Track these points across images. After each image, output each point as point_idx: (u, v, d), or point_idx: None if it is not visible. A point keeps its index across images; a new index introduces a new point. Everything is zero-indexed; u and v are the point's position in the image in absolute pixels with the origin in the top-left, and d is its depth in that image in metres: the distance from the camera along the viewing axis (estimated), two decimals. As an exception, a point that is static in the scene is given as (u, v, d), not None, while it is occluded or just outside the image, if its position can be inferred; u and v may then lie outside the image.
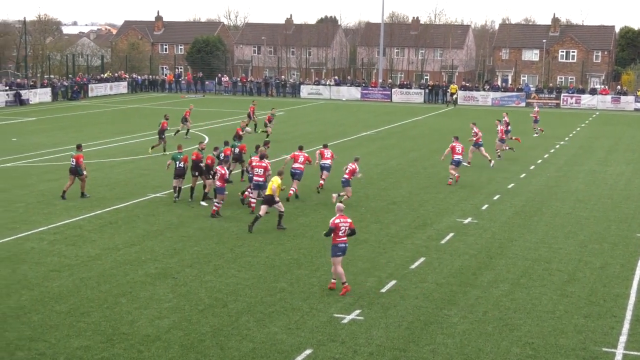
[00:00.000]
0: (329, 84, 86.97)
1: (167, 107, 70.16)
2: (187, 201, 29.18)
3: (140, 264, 21.42)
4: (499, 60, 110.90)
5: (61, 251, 22.60)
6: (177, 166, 29.40)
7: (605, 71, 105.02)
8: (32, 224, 25.74)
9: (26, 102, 71.35)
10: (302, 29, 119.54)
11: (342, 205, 19.77)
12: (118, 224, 26.05)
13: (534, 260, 22.34)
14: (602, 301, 18.98)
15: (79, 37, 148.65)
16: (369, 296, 19.01)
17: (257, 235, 24.60)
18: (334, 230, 19.08)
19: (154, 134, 49.23)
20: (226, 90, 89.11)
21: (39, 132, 50.80)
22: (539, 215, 27.93)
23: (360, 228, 25.73)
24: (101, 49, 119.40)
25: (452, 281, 20.29)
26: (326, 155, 32.24)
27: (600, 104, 75.93)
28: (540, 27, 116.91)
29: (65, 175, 34.45)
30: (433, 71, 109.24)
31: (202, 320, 17.25)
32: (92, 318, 17.26)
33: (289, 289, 19.49)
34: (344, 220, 19.25)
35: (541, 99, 77.80)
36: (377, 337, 16.43)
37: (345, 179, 29.00)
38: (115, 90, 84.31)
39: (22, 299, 18.49)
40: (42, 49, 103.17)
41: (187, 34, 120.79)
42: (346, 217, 19.48)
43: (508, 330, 16.97)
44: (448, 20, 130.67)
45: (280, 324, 17.05)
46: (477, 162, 39.48)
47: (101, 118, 60.70)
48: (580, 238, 25.00)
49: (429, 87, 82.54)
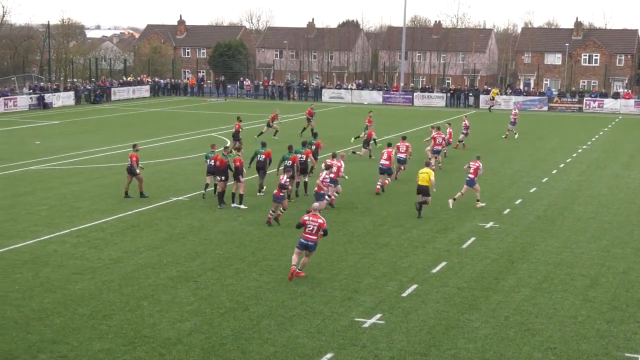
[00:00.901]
0: (350, 87, 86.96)
1: (189, 111, 70.47)
2: (217, 207, 29.11)
3: (162, 267, 21.50)
4: (522, 64, 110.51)
5: (84, 254, 22.72)
6: (208, 164, 30.26)
7: (628, 75, 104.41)
8: (55, 227, 25.90)
9: (49, 105, 71.79)
10: (324, 33, 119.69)
11: (317, 204, 21.38)
12: (140, 227, 26.15)
13: (556, 265, 22.22)
14: (624, 306, 18.85)
15: (102, 41, 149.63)
16: (390, 300, 18.98)
17: (278, 239, 24.63)
18: (302, 225, 20.68)
19: (177, 137, 49.52)
20: (248, 94, 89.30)
21: (62, 135, 51.12)
22: (561, 220, 27.79)
23: (381, 232, 25.78)
24: (124, 53, 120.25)
25: (473, 285, 20.23)
26: (402, 150, 35.26)
27: (623, 108, 75.46)
28: (562, 30, 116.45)
29: (87, 177, 34.75)
30: (455, 75, 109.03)
31: (223, 323, 17.28)
32: (114, 321, 17.34)
33: (310, 292, 19.49)
34: (315, 219, 20.45)
35: (563, 102, 77.41)
36: (398, 341, 16.40)
37: (470, 178, 29.47)
38: (137, 94, 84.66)
39: (44, 302, 18.60)
40: (65, 53, 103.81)
41: (209, 37, 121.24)
42: (318, 216, 20.48)
43: (530, 335, 16.89)
44: (470, 24, 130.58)
45: (301, 328, 17.05)
46: (498, 168, 39.34)
47: (124, 122, 61.01)
48: (603, 243, 24.85)
49: (451, 91, 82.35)
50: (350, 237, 25.01)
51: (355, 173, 36.66)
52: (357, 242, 24.41)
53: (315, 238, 20.48)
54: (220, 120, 61.47)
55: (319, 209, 21.00)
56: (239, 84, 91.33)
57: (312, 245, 20.58)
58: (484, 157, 42.58)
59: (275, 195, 26.19)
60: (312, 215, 20.52)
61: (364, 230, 26.06)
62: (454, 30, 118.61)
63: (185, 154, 41.78)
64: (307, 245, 20.49)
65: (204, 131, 53.45)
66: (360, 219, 27.61)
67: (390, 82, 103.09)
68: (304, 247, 20.52)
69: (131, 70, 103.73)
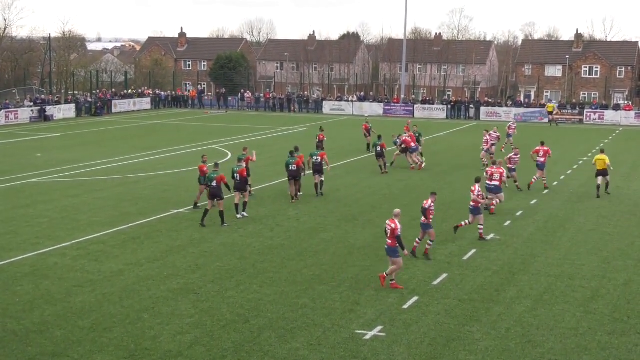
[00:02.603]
0: (351, 99, 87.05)
1: (190, 123, 70.57)
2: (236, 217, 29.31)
3: (162, 280, 21.49)
4: (522, 76, 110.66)
5: (84, 267, 22.72)
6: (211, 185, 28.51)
7: (628, 87, 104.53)
8: (55, 240, 25.90)
9: (50, 118, 71.91)
10: (325, 45, 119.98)
11: (398, 210, 21.55)
12: (141, 239, 26.15)
13: (557, 277, 22.20)
14: (626, 318, 18.83)
15: (103, 53, 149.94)
16: (391, 312, 18.96)
17: (278, 251, 24.63)
18: None
19: (177, 149, 49.56)
20: (249, 106, 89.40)
21: (63, 148, 51.17)
22: (562, 232, 27.78)
23: (382, 244, 25.60)
24: (125, 65, 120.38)
25: (474, 297, 20.21)
26: (540, 155, 36.38)
27: (624, 119, 75.48)
28: (563, 42, 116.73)
29: (88, 189, 34.77)
30: (455, 87, 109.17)
31: (224, 336, 17.26)
32: (114, 334, 17.32)
33: (311, 305, 19.47)
34: (390, 223, 20.83)
35: (564, 114, 77.42)
36: (399, 353, 16.37)
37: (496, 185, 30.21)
38: (138, 106, 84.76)
39: (45, 314, 18.59)
40: (66, 66, 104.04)
41: (210, 50, 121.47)
42: (393, 220, 20.78)
43: (531, 347, 16.87)
44: (471, 36, 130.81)
45: (302, 340, 17.03)
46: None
47: (125, 134, 61.06)
48: (603, 254, 24.83)
49: (452, 103, 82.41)
50: (350, 249, 25.00)
51: (354, 186, 36.74)
52: (357, 254, 24.40)
53: (390, 242, 20.70)
54: (221, 132, 61.54)
55: (399, 214, 21.11)
56: (239, 96, 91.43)
57: (387, 249, 20.83)
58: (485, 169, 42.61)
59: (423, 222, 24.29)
60: (390, 220, 20.86)
61: (365, 242, 26.05)
62: (454, 42, 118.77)
63: (185, 166, 41.79)
64: (385, 249, 20.93)
65: (205, 143, 53.49)
66: (360, 231, 27.61)
67: (390, 94, 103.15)
68: (387, 253, 20.95)
69: (132, 82, 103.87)
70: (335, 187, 36.29)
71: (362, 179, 38.64)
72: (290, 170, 32.44)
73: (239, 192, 29.55)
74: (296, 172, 32.44)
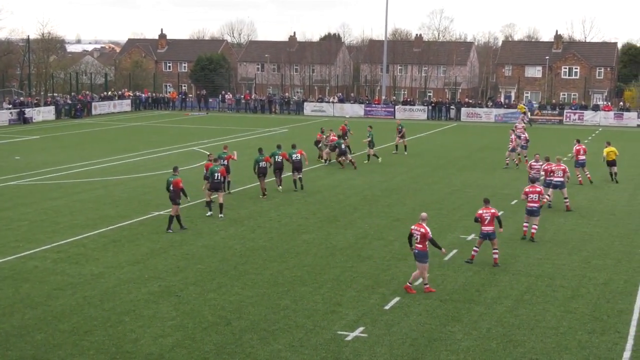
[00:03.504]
0: (332, 101, 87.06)
1: (171, 125, 70.35)
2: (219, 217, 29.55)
3: (143, 282, 21.42)
4: (502, 76, 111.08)
5: (64, 270, 22.61)
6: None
7: (608, 87, 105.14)
8: (35, 243, 25.77)
9: (30, 120, 71.50)
10: (306, 47, 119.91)
11: (425, 214, 21.19)
12: (121, 242, 26.06)
13: (538, 277, 22.31)
14: (605, 317, 18.94)
15: (82, 55, 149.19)
16: (372, 313, 18.99)
17: (260, 252, 24.62)
18: (411, 236, 20.87)
19: (158, 151, 49.43)
20: (230, 107, 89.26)
21: (42, 150, 50.91)
22: (542, 232, 27.88)
23: (363, 245, 25.81)
24: (105, 67, 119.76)
25: (455, 297, 20.27)
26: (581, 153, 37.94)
27: (603, 120, 75.90)
28: (542, 43, 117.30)
29: (68, 192, 34.60)
30: (436, 88, 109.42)
31: (205, 338, 17.24)
32: (95, 337, 17.26)
33: (293, 306, 19.47)
34: (418, 228, 20.61)
35: (544, 115, 77.76)
36: (381, 354, 16.40)
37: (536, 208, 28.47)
38: (118, 108, 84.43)
39: (25, 318, 18.49)
40: (45, 67, 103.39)
41: (190, 51, 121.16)
42: (422, 225, 20.56)
43: (512, 346, 16.94)
44: (451, 38, 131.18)
45: (284, 342, 17.03)
46: (479, 180, 39.52)
47: (105, 136, 60.82)
48: (583, 254, 24.97)
49: (432, 104, 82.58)
50: (332, 250, 25.02)
51: (335, 187, 36.77)
52: (339, 255, 24.42)
53: (420, 247, 20.53)
54: (202, 134, 61.40)
55: (426, 218, 20.97)
56: (220, 97, 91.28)
57: (417, 254, 20.68)
58: (467, 169, 42.83)
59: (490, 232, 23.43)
60: (418, 225, 20.65)
61: (346, 243, 26.07)
62: (435, 43, 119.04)
63: (166, 168, 41.61)
64: (414, 254, 20.78)
65: (186, 145, 53.38)
66: (342, 232, 27.63)
67: (372, 95, 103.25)
68: (415, 257, 20.78)
69: (112, 84, 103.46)
70: (316, 188, 36.30)
71: (343, 180, 38.67)
72: (260, 167, 33.59)
73: (221, 192, 29.80)
74: (265, 169, 33.74)
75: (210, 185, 29.93)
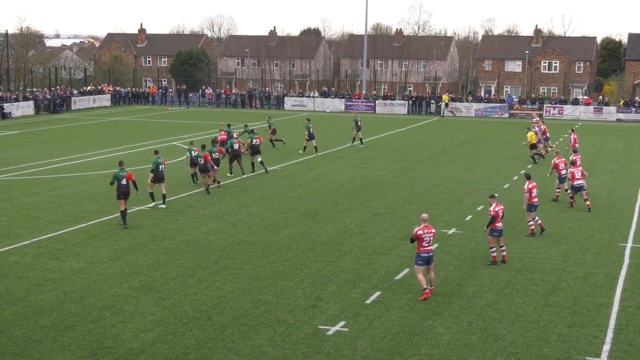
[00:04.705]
0: (313, 95, 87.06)
1: (151, 120, 70.12)
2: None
3: (124, 277, 21.35)
4: (482, 71, 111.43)
5: (45, 265, 22.50)
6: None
7: (587, 82, 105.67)
8: (15, 238, 25.62)
9: (8, 115, 71.05)
10: (286, 41, 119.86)
11: (426, 215, 20.31)
12: (102, 237, 25.96)
13: (518, 271, 22.40)
14: (585, 310, 19.05)
15: (61, 49, 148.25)
16: (353, 307, 19.01)
17: (241, 247, 24.58)
18: (415, 239, 19.78)
19: (138, 146, 49.25)
20: (210, 102, 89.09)
21: (21, 145, 50.60)
22: (523, 225, 27.98)
23: (344, 239, 25.82)
24: (84, 62, 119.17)
25: (436, 291, 20.31)
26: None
27: (583, 114, 76.31)
28: (522, 38, 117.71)
29: (48, 187, 34.41)
30: (417, 82, 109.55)
31: (186, 333, 17.20)
32: (76, 332, 17.19)
33: (274, 301, 19.47)
34: (429, 230, 19.85)
35: (524, 109, 78.08)
36: (362, 348, 16.43)
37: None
38: (98, 103, 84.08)
39: (5, 314, 18.39)
40: (24, 62, 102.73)
41: (170, 46, 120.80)
42: (430, 227, 19.97)
43: (492, 340, 17.01)
44: (431, 32, 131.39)
45: (265, 337, 17.02)
46: (460, 175, 39.65)
47: (84, 131, 60.53)
48: (563, 248, 25.10)
49: (413, 99, 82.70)
50: (313, 245, 25.02)
51: (316, 181, 36.79)
52: (320, 250, 24.43)
53: (432, 249, 20.06)
54: (182, 129, 61.23)
55: (427, 219, 20.15)
56: (200, 92, 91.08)
57: (432, 257, 20.12)
58: (448, 163, 42.96)
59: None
60: (425, 227, 19.81)
61: (327, 237, 26.08)
62: (415, 38, 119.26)
63: (146, 163, 41.46)
64: (430, 257, 19.91)
65: (165, 140, 53.22)
66: (323, 227, 27.64)
67: (352, 90, 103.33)
68: (426, 262, 19.87)
69: (91, 79, 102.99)
70: (297, 183, 36.31)
71: (324, 175, 38.69)
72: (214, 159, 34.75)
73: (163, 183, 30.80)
74: (217, 160, 35.09)
75: (154, 176, 30.45)
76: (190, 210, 29.99)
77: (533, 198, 26.53)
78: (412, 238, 19.91)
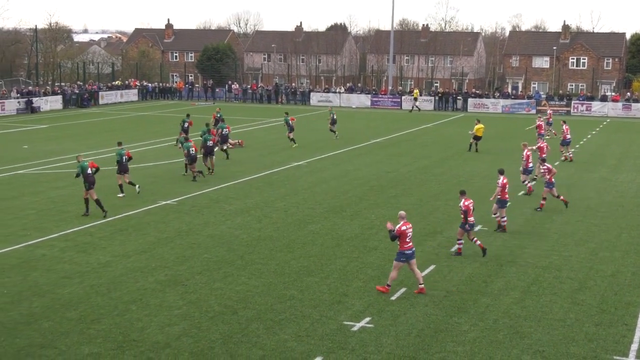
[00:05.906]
0: (339, 91, 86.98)
1: (177, 115, 70.31)
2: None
3: (150, 271, 21.45)
4: (509, 67, 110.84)
5: (72, 258, 22.66)
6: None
7: (616, 78, 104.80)
8: (43, 231, 25.82)
9: (37, 109, 71.60)
10: (312, 37, 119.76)
11: (403, 212, 20.11)
12: (128, 231, 26.10)
13: (545, 268, 22.27)
14: (613, 309, 18.90)
15: (89, 44, 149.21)
16: (378, 304, 18.99)
17: (266, 242, 24.62)
18: (397, 237, 19.53)
19: (165, 141, 49.47)
20: (236, 97, 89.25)
21: (49, 139, 50.98)
22: (550, 223, 27.84)
23: (370, 235, 25.79)
24: (112, 57, 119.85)
25: (462, 289, 20.25)
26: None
27: (611, 111, 75.64)
28: (550, 34, 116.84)
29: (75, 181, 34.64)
30: (443, 78, 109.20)
31: (212, 327, 17.26)
32: (102, 325, 17.30)
33: (299, 296, 19.48)
34: (409, 227, 19.72)
35: (552, 106, 77.55)
36: (387, 344, 16.40)
37: None
38: (125, 97, 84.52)
39: (32, 306, 18.54)
40: (53, 57, 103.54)
41: (197, 41, 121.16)
42: (409, 222, 19.83)
43: (519, 338, 16.92)
44: (458, 28, 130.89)
45: (290, 332, 17.04)
46: (486, 171, 39.43)
47: (111, 125, 60.86)
48: (591, 246, 24.92)
49: (439, 95, 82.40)
50: (338, 241, 25.01)
51: (342, 177, 36.77)
52: (345, 246, 24.41)
53: (412, 244, 19.86)
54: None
55: (405, 216, 19.88)
56: (227, 87, 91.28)
57: (414, 252, 19.95)
58: (473, 160, 42.77)
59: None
60: (405, 224, 19.62)
61: (353, 233, 26.06)
62: (442, 33, 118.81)
63: (172, 158, 41.70)
64: (412, 253, 19.75)
65: (192, 135, 53.29)
66: (348, 223, 27.62)
67: (378, 86, 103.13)
68: (409, 258, 19.71)
69: (119, 74, 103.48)
70: (323, 178, 36.31)
71: (350, 171, 38.65)
72: (207, 147, 36.72)
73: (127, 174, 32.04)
74: (212, 147, 37.01)
75: (119, 167, 31.69)
76: (215, 205, 30.08)
77: (505, 194, 26.34)
78: (394, 235, 19.53)
